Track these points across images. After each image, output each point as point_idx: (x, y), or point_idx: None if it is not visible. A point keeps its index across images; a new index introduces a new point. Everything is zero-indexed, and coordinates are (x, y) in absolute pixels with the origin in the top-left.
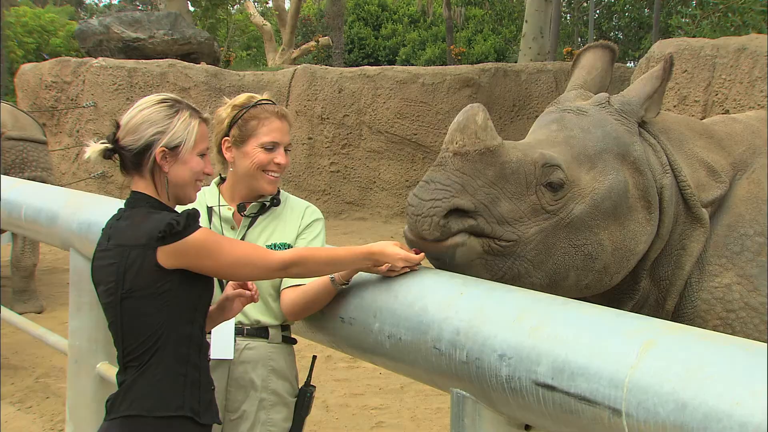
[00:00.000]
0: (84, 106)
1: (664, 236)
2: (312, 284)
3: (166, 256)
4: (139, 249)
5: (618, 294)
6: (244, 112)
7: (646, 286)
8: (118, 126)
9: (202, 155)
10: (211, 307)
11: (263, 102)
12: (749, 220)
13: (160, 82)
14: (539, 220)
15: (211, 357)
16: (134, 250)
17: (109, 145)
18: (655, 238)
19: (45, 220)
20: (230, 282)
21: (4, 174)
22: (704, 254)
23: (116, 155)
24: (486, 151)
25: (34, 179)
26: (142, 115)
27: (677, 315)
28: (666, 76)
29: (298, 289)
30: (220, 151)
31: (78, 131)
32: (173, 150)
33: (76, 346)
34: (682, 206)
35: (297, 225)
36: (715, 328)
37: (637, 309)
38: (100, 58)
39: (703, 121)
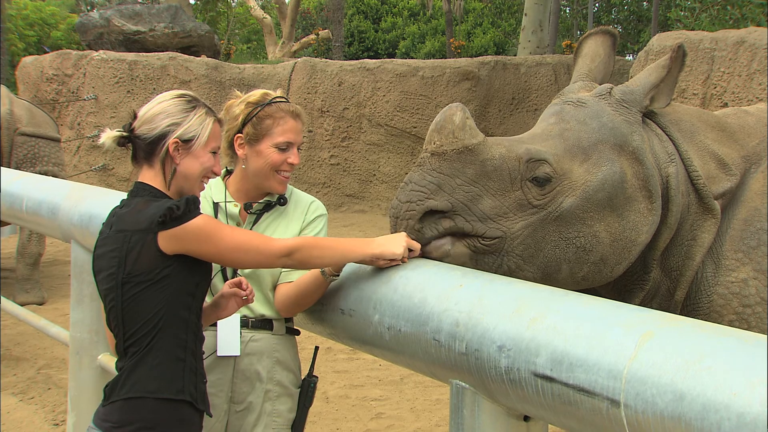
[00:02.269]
0: (85, 99)
1: (672, 225)
2: (303, 278)
3: (167, 240)
4: (140, 234)
5: (629, 284)
6: (259, 110)
7: (656, 277)
8: (135, 116)
9: (214, 153)
10: (204, 303)
11: (278, 100)
12: (765, 214)
13: (161, 75)
14: (526, 215)
15: (218, 354)
16: (135, 235)
17: (124, 133)
18: (663, 227)
19: (46, 212)
20: (227, 282)
21: (17, 168)
22: (720, 249)
23: (129, 144)
24: (464, 150)
25: (45, 174)
26: (160, 107)
27: (693, 309)
28: (673, 65)
29: (290, 284)
30: (230, 146)
31: (79, 124)
32: (186, 143)
33: (77, 337)
34: (694, 196)
35: (301, 221)
36: (731, 323)
37: (649, 299)
38: (101, 51)
39: (716, 113)
